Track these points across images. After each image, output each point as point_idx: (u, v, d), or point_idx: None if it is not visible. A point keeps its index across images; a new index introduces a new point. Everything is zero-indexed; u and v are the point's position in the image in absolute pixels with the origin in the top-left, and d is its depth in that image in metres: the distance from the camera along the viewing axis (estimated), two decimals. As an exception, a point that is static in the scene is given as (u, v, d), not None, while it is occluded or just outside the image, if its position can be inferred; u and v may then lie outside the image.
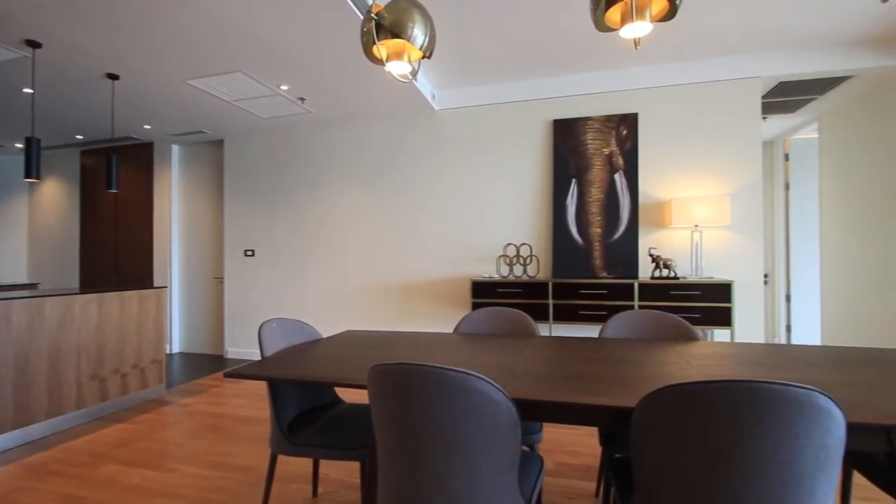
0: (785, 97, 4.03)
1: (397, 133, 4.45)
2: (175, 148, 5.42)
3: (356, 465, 2.37)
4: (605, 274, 3.72)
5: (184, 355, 5.21)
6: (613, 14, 1.44)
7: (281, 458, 2.46)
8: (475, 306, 3.75)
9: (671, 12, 1.39)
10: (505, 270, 4.07)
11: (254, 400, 3.49)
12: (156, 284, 5.06)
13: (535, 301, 3.62)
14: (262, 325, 1.81)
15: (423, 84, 3.87)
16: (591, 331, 3.88)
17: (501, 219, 4.13)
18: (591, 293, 3.51)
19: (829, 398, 0.86)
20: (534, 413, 1.22)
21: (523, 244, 4.02)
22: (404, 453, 1.07)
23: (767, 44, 3.37)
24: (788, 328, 5.08)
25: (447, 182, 4.29)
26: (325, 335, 4.33)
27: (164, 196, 5.41)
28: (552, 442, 2.66)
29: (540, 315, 3.60)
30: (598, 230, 3.78)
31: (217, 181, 5.33)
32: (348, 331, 2.23)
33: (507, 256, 3.99)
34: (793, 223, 5.04)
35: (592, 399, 1.12)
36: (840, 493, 1.61)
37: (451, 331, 4.24)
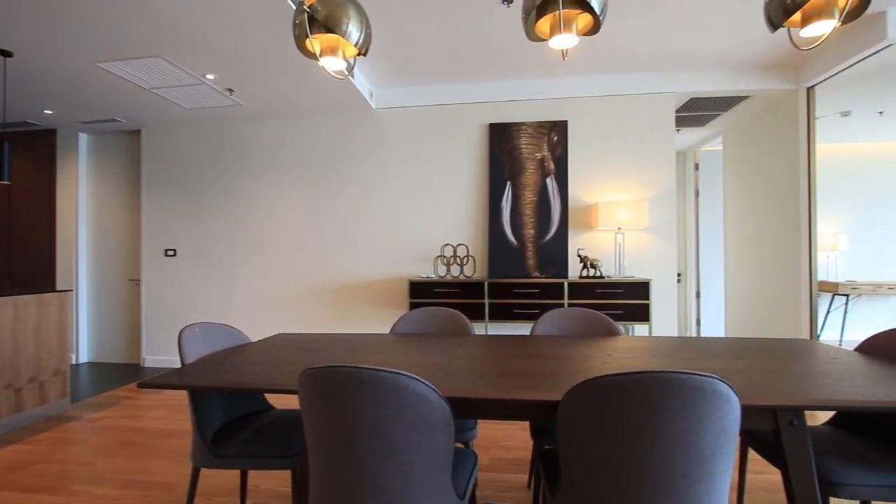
0: (695, 112, 4.43)
1: (333, 130, 4.34)
2: (83, 137, 4.91)
3: (288, 474, 2.28)
4: (537, 274, 3.88)
5: (94, 365, 4.73)
6: (543, 25, 1.51)
7: (206, 472, 2.32)
8: (413, 306, 3.76)
9: (595, 28, 1.48)
10: (442, 270, 4.11)
11: (174, 411, 3.25)
12: (59, 287, 4.56)
13: (472, 300, 3.69)
14: (182, 330, 1.69)
15: (361, 82, 3.81)
16: (524, 328, 4.02)
17: (439, 219, 4.16)
18: (524, 292, 3.64)
19: (728, 384, 0.96)
20: (468, 410, 1.24)
21: (460, 245, 4.08)
22: (337, 457, 1.05)
23: (680, 63, 3.68)
24: (698, 322, 5.58)
25: (385, 181, 4.25)
26: (254, 340, 4.12)
27: (69, 189, 4.87)
28: (487, 438, 2.73)
29: (476, 314, 3.68)
30: (532, 231, 3.93)
31: (133, 174, 4.89)
32: (280, 334, 2.14)
33: (444, 257, 4.03)
34: (702, 227, 5.55)
35: (523, 394, 1.16)
36: (738, 467, 1.80)
37: (388, 332, 4.21)
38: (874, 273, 5.54)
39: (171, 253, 4.63)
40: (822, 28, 1.42)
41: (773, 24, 1.45)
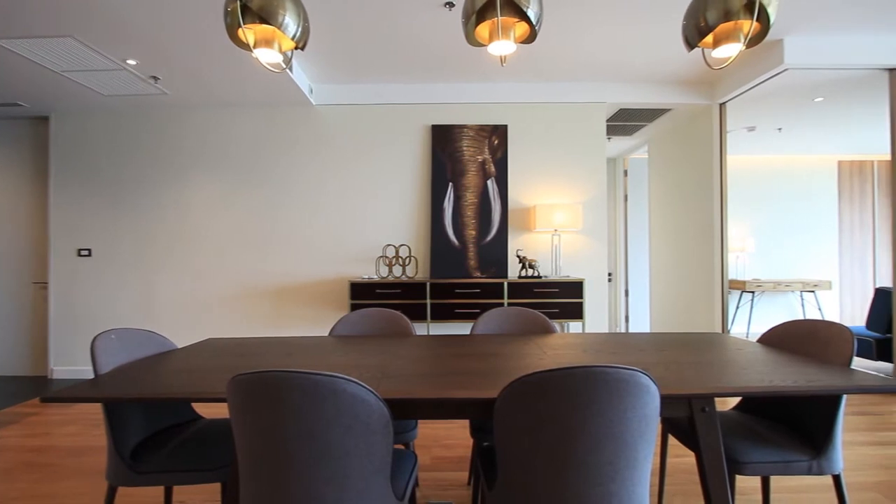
0: (624, 122, 4.72)
1: (270, 125, 4.16)
2: (-26, 122, 4.35)
3: (217, 487, 2.16)
4: (478, 274, 3.95)
5: (-14, 380, 4.20)
6: (483, 30, 1.54)
7: (125, 491, 2.13)
8: (354, 308, 3.69)
9: (532, 36, 1.53)
10: (384, 271, 4.08)
11: (89, 426, 2.97)
12: (-58, 293, 4.02)
13: (414, 301, 3.69)
14: (96, 337, 1.55)
15: (300, 76, 3.69)
16: (466, 328, 4.08)
17: (381, 220, 4.12)
18: (466, 292, 3.70)
19: (648, 377, 1.03)
20: (407, 411, 1.24)
21: (403, 245, 4.07)
22: (270, 465, 1.01)
23: (611, 75, 3.91)
24: (627, 318, 5.95)
25: (325, 180, 4.14)
26: (181, 346, 3.86)
27: (-45, 181, 4.29)
28: (428, 437, 2.74)
29: (418, 314, 3.68)
30: (473, 232, 4.00)
31: (39, 166, 4.40)
32: (209, 339, 2.02)
33: (386, 257, 3.99)
34: (630, 229, 5.93)
35: (461, 393, 1.18)
36: (660, 453, 1.95)
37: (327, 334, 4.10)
38: (776, 272, 6.20)
39: (85, 253, 4.22)
40: (730, 50, 1.56)
41: (690, 44, 1.58)
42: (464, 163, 4.04)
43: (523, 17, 1.42)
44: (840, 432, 1.46)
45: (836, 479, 1.49)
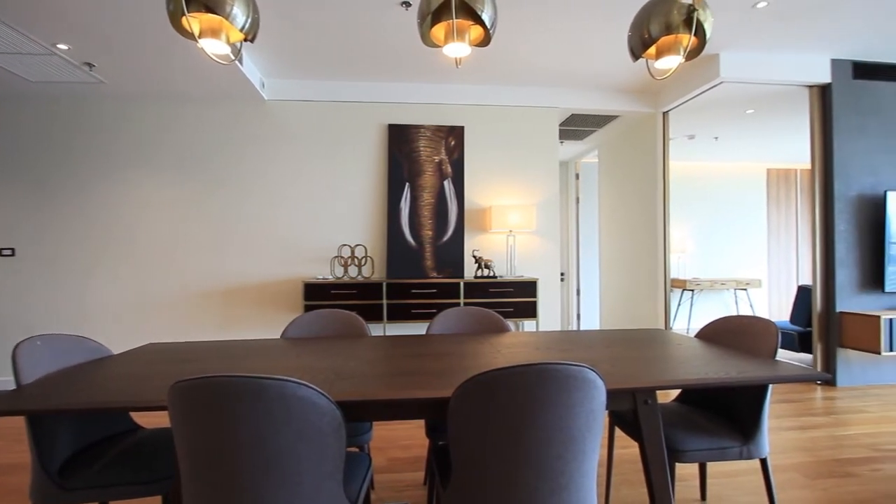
0: (576, 127, 4.89)
1: (219, 119, 3.98)
2: None
3: (157, 501, 2.04)
4: (435, 274, 3.96)
5: None
6: (438, 31, 1.55)
7: (49, 510, 1.97)
8: (308, 309, 3.60)
9: (486, 40, 1.56)
10: (339, 271, 4.00)
11: (11, 442, 2.72)
12: None
13: (370, 301, 3.65)
14: (18, 344, 1.43)
15: (251, 70, 3.55)
16: (422, 328, 4.08)
17: (337, 219, 4.05)
18: (422, 292, 3.70)
19: (595, 372, 1.08)
20: (361, 413, 1.23)
21: (358, 245, 4.01)
22: (215, 476, 0.97)
23: (564, 82, 4.04)
24: (579, 316, 6.16)
25: (278, 178, 4.01)
26: (117, 353, 3.61)
27: None
28: (385, 439, 2.72)
29: (374, 315, 3.64)
30: (430, 233, 4.00)
31: (-52, 156, 3.98)
32: (150, 344, 1.91)
33: (341, 257, 3.92)
34: (581, 230, 6.14)
35: (415, 393, 1.18)
36: (607, 445, 2.03)
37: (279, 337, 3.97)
38: (712, 271, 6.62)
39: (7, 252, 3.86)
40: (671, 62, 1.66)
41: (635, 55, 1.66)
42: (421, 163, 4.04)
43: (478, 20, 1.44)
44: (766, 419, 1.58)
45: (763, 463, 1.61)
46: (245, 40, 1.59)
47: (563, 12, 2.89)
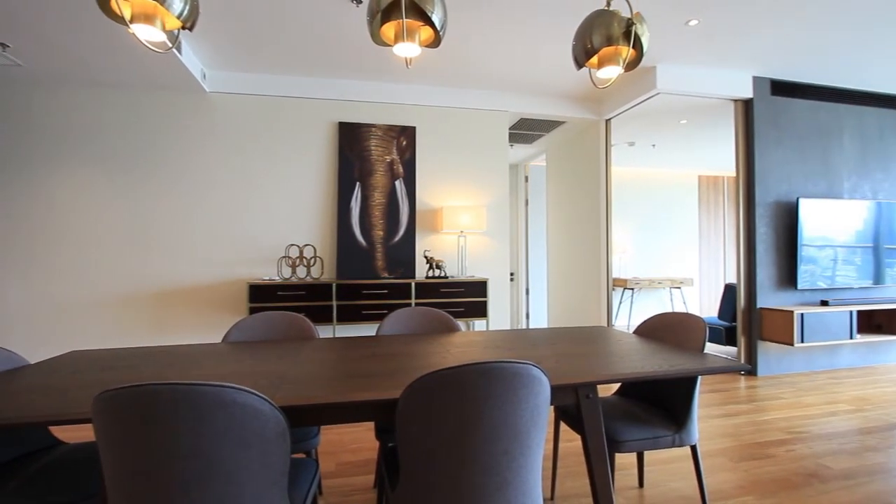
0: (525, 130, 5.02)
1: (156, 111, 3.73)
2: None
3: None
4: (386, 274, 3.93)
5: None
6: (388, 30, 1.54)
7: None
8: (253, 311, 3.46)
9: (437, 41, 1.57)
10: (287, 272, 3.88)
11: None
12: None
13: (320, 303, 3.56)
14: (-90, 356, 1.27)
15: (191, 59, 3.36)
16: (373, 329, 4.03)
17: (284, 218, 3.91)
18: (373, 293, 3.65)
19: (540, 369, 1.11)
20: (307, 418, 1.20)
21: (307, 245, 3.90)
22: (147, 490, 0.91)
23: (513, 86, 4.13)
24: (528, 315, 6.33)
25: (221, 174, 3.82)
26: (34, 361, 3.29)
27: None
28: (333, 444, 2.66)
29: (324, 317, 3.56)
30: (381, 233, 3.97)
31: None
32: (73, 352, 1.76)
33: (289, 258, 3.80)
34: (530, 231, 6.32)
35: (363, 395, 1.17)
36: (553, 439, 2.10)
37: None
38: (650, 271, 7.02)
39: None
40: (611, 72, 1.74)
41: (578, 63, 1.73)
42: (372, 162, 4.00)
43: (428, 21, 1.44)
44: (696, 408, 1.70)
45: (693, 449, 1.73)
46: (183, 28, 1.51)
47: (513, 19, 2.96)
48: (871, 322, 4.36)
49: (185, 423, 0.88)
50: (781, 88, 4.05)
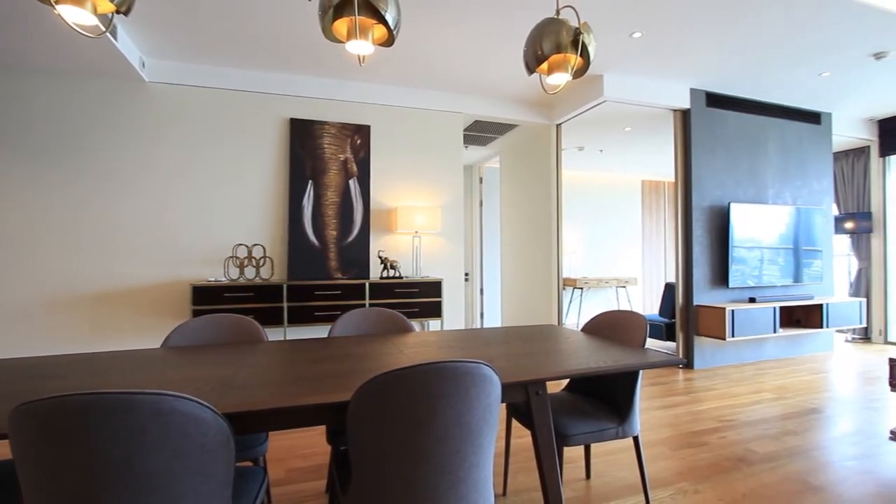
0: (479, 133, 5.08)
1: (88, 99, 3.46)
2: None
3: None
4: (339, 275, 3.86)
5: None
6: (340, 27, 1.52)
7: None
8: (197, 314, 3.29)
9: (390, 40, 1.56)
10: (235, 273, 3.72)
11: None
12: None
13: (270, 305, 3.45)
14: None
15: (128, 46, 3.14)
16: (326, 331, 3.94)
17: (231, 217, 3.75)
18: (326, 294, 3.58)
19: (491, 368, 1.13)
20: (253, 424, 1.16)
21: (256, 245, 3.76)
22: (72, 509, 0.84)
23: (468, 88, 4.18)
24: (482, 315, 6.41)
25: (162, 169, 3.60)
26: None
27: None
28: (283, 450, 2.58)
29: (274, 319, 3.44)
30: (334, 233, 3.89)
31: None
32: (-15, 362, 1.60)
33: (237, 258, 3.65)
34: (484, 232, 6.41)
35: (313, 399, 1.14)
36: (505, 436, 2.14)
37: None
38: (598, 271, 7.31)
39: None
40: (560, 79, 1.81)
41: (529, 69, 1.78)
42: (325, 160, 3.91)
43: (381, 20, 1.43)
44: (638, 401, 1.79)
45: (636, 440, 1.83)
46: (117, 12, 1.41)
47: (467, 21, 2.99)
48: (792, 317, 4.77)
49: (116, 436, 0.83)
50: (715, 101, 4.35)
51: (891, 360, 2.73)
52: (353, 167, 3.98)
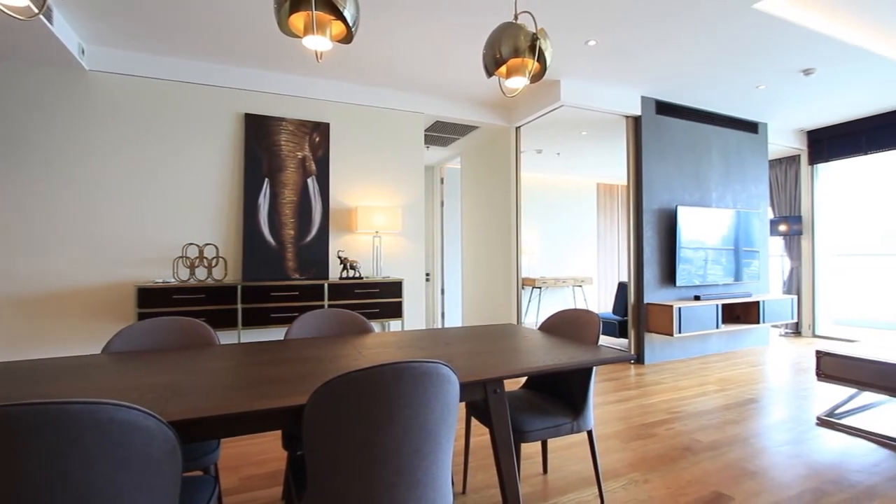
0: (440, 133, 5.10)
1: (20, 88, 3.20)
2: None
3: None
4: (297, 276, 3.76)
5: None
6: (297, 21, 1.48)
7: None
8: (143, 318, 3.11)
9: (349, 37, 1.54)
10: (185, 274, 3.54)
11: None
12: None
13: (223, 306, 3.31)
14: None
15: (65, 30, 2.93)
16: (283, 334, 3.84)
17: (181, 215, 3.57)
18: (283, 295, 3.48)
19: (449, 367, 1.14)
20: (203, 431, 1.11)
21: (208, 244, 3.61)
22: (-4, 530, 0.78)
23: (430, 89, 4.18)
24: (443, 315, 6.43)
25: (105, 164, 3.38)
26: None
27: None
28: (237, 457, 2.49)
29: (228, 321, 3.32)
30: (292, 232, 3.79)
31: None
32: None
33: (187, 258, 3.48)
34: (445, 233, 6.43)
35: (267, 403, 1.11)
36: (464, 435, 2.16)
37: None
38: (556, 271, 7.51)
39: None
40: (518, 82, 1.84)
41: (488, 72, 1.81)
42: (282, 158, 3.80)
43: (339, 16, 1.41)
44: (591, 396, 1.86)
45: (590, 434, 1.89)
46: (50, -5, 1.31)
47: (428, 21, 3.00)
48: (733, 313, 5.08)
49: (48, 450, 0.77)
50: (664, 108, 4.57)
51: (818, 352, 2.97)
52: (311, 165, 3.90)
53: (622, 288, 5.13)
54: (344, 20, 1.42)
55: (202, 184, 3.63)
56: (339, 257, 3.83)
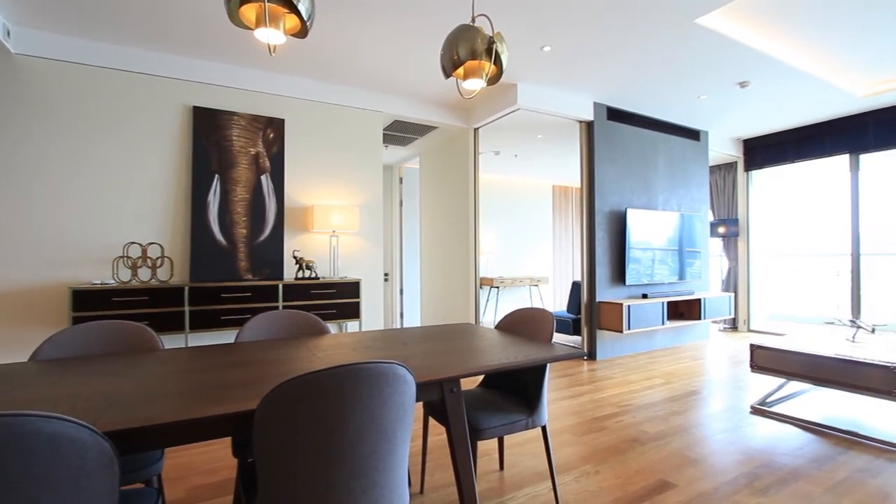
0: (399, 133, 5.08)
1: (-76, 69, 2.89)
2: None
3: None
4: (250, 276, 3.63)
5: None
6: (248, 12, 1.43)
7: None
8: (78, 322, 2.90)
9: (303, 31, 1.50)
10: (126, 275, 3.33)
11: None
12: None
13: (168, 309, 3.15)
14: None
15: (-18, 10, 2.69)
16: (234, 337, 3.69)
17: (122, 212, 3.36)
18: (235, 296, 3.35)
19: (405, 367, 1.14)
20: (143, 441, 1.05)
21: (152, 244, 3.41)
22: None
23: (389, 87, 4.15)
24: (402, 315, 6.40)
25: (32, 157, 3.12)
26: None
27: None
28: (183, 467, 2.37)
29: (174, 324, 3.15)
30: (244, 231, 3.65)
31: None
32: None
33: (129, 258, 3.28)
34: (404, 232, 6.41)
35: (214, 409, 1.07)
36: (422, 434, 2.16)
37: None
38: (513, 270, 7.65)
39: None
40: (475, 84, 1.86)
41: (446, 73, 1.82)
42: (233, 154, 3.65)
43: (293, 9, 1.37)
44: (546, 393, 1.91)
45: (544, 430, 1.94)
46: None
47: (387, 19, 2.97)
48: (677, 310, 5.37)
49: (-37, 466, 0.71)
50: (614, 114, 4.76)
51: (751, 345, 3.19)
52: (265, 162, 3.77)
53: (576, 287, 5.30)
54: (298, 13, 1.39)
55: (146, 180, 3.43)
56: (295, 257, 3.73)
